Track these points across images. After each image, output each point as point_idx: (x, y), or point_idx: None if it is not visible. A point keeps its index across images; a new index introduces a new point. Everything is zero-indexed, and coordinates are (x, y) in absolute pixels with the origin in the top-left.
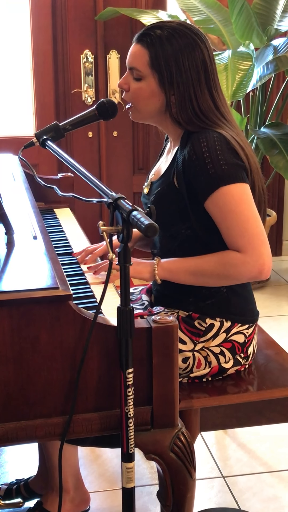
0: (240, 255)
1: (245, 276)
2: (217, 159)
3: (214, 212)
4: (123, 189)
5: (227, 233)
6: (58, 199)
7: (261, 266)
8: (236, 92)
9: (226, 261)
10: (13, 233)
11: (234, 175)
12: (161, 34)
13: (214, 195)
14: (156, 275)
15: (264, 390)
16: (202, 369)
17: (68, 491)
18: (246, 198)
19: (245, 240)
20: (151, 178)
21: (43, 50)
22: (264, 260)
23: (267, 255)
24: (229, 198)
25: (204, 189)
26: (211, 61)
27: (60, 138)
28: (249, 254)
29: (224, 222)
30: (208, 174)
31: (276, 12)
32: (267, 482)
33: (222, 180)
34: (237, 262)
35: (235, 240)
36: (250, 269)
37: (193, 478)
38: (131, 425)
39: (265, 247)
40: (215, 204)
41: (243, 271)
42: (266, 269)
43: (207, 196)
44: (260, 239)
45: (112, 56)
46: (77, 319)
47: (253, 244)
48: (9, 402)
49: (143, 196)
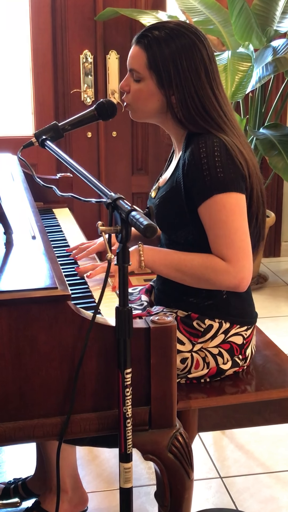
0: (224, 263)
1: (223, 285)
2: (215, 166)
3: (205, 218)
4: (122, 189)
5: (214, 241)
6: (57, 199)
7: (240, 279)
8: (235, 93)
9: (209, 265)
10: (11, 233)
11: (229, 184)
12: (159, 35)
13: (208, 202)
14: (143, 261)
15: (262, 391)
16: (200, 370)
17: (66, 491)
18: (238, 209)
19: (230, 251)
20: (159, 183)
21: (43, 50)
22: (245, 274)
23: (249, 270)
24: (221, 207)
25: (199, 195)
26: (211, 60)
27: (59, 138)
28: (232, 265)
29: (212, 230)
30: (203, 180)
31: (276, 13)
32: (264, 483)
33: (216, 187)
34: (220, 269)
35: (220, 248)
36: (230, 280)
37: (191, 478)
38: (129, 425)
39: (248, 261)
40: (207, 211)
41: (223, 279)
42: (245, 282)
43: (201, 202)
44: (245, 253)
45: (112, 56)
46: (75, 319)
47: (237, 256)
48: (7, 401)
49: (149, 200)
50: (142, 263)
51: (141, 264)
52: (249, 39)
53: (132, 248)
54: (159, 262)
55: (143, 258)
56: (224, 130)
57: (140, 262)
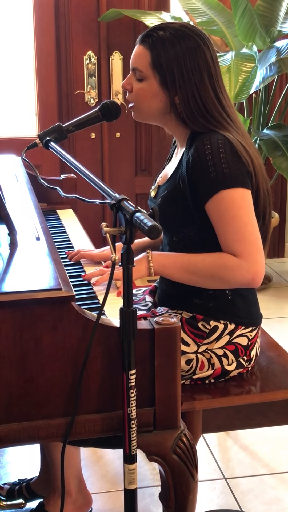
0: (236, 259)
1: (238, 281)
2: (220, 162)
3: (213, 215)
4: (126, 190)
5: (224, 237)
6: (60, 200)
7: (254, 273)
8: (239, 94)
9: (221, 262)
10: (16, 234)
11: (235, 180)
12: (164, 35)
13: (214, 198)
14: (152, 267)
15: (267, 392)
16: (205, 371)
17: (70, 493)
18: (245, 204)
19: (241, 245)
20: (158, 182)
21: (46, 51)
22: (258, 268)
23: (261, 263)
24: (229, 202)
25: (205, 192)
26: (214, 63)
27: (63, 139)
28: (244, 260)
29: (221, 226)
30: (209, 177)
31: (279, 14)
32: (269, 484)
33: (223, 183)
34: (233, 265)
35: (231, 244)
36: (244, 275)
37: (195, 479)
38: (133, 426)
39: (260, 255)
40: (215, 207)
41: (237, 275)
42: (259, 276)
43: (207, 199)
44: (256, 247)
45: (115, 57)
46: (79, 320)
47: (248, 250)
48: (12, 403)
49: (150, 200)
50: (152, 269)
51: (150, 270)
52: (252, 40)
53: (141, 256)
54: (169, 266)
55: (152, 265)
56: (228, 130)
57: (150, 269)
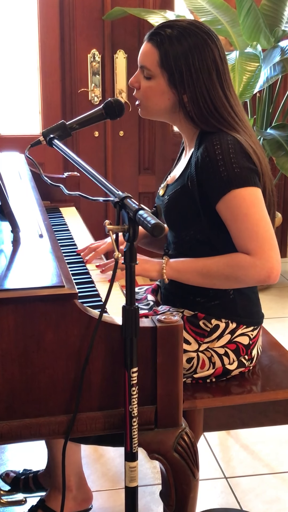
0: (249, 257)
1: (254, 279)
2: (230, 162)
3: (225, 214)
4: (129, 189)
5: (238, 235)
6: (63, 198)
7: (269, 270)
8: (243, 93)
9: (235, 263)
10: (19, 231)
11: (246, 179)
12: (171, 33)
13: (226, 198)
14: (164, 274)
15: (268, 391)
16: (206, 370)
17: (71, 489)
18: (257, 201)
19: (255, 243)
20: (168, 181)
21: (51, 49)
22: (273, 264)
23: (277, 260)
24: (241, 201)
25: (216, 192)
26: (223, 60)
27: (67, 137)
28: (258, 257)
29: (234, 224)
30: (220, 176)
31: (284, 13)
32: (270, 484)
33: (234, 183)
34: (246, 264)
35: (244, 243)
36: (259, 272)
37: (196, 478)
38: (135, 424)
39: (274, 252)
40: (227, 207)
41: (252, 273)
42: (274, 273)
43: (218, 199)
44: (270, 243)
45: (119, 55)
46: (82, 318)
47: (263, 247)
48: (14, 400)
49: (157, 198)
50: (164, 275)
51: (163, 275)
52: (257, 39)
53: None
54: (184, 271)
55: (165, 271)
56: (236, 130)
57: (162, 274)
